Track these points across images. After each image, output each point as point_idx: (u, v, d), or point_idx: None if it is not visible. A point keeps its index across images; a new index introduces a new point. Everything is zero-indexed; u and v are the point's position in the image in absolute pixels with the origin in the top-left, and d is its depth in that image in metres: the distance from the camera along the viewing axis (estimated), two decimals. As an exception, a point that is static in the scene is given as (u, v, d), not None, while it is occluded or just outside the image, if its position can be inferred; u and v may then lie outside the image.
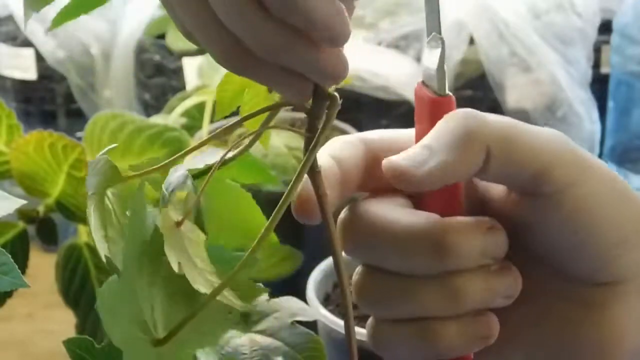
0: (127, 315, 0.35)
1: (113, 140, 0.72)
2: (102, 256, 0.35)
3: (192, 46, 0.36)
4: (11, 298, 0.64)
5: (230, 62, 0.36)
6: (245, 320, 0.49)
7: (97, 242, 0.35)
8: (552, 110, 1.14)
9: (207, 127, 1.01)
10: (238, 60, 0.35)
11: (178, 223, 0.38)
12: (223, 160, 0.39)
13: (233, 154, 0.40)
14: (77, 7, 0.38)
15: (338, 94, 0.38)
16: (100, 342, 0.43)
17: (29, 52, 1.31)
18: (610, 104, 1.19)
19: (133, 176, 0.39)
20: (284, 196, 0.37)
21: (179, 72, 1.23)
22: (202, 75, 1.14)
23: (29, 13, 0.36)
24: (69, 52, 1.30)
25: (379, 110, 1.13)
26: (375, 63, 1.13)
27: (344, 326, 0.38)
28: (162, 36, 1.27)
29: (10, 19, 1.33)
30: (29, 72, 1.33)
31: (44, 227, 0.71)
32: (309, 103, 0.38)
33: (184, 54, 1.22)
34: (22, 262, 0.67)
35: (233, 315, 0.38)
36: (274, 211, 0.37)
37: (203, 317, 0.37)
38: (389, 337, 0.39)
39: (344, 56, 0.35)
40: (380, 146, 0.41)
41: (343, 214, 0.40)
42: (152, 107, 1.28)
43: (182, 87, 1.21)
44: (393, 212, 0.38)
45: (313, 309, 0.76)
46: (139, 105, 1.31)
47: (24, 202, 0.47)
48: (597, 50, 1.19)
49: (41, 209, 0.71)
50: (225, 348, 0.47)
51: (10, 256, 0.42)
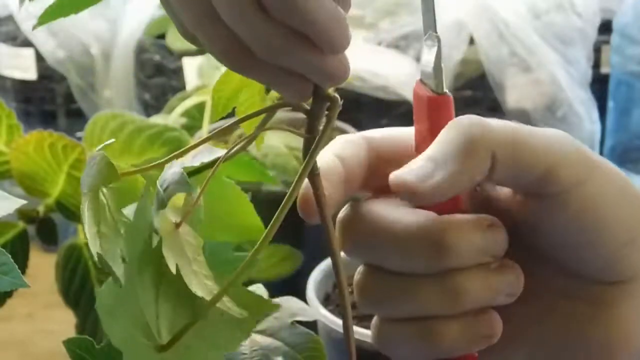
0: (128, 319, 0.34)
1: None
2: (93, 253, 0.35)
3: (192, 46, 0.36)
4: (11, 298, 0.64)
5: (231, 60, 0.35)
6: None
7: (89, 239, 0.35)
8: (552, 110, 1.14)
9: (207, 127, 1.00)
10: (238, 60, 0.35)
11: (177, 225, 0.38)
12: (221, 159, 0.39)
13: (228, 154, 0.39)
14: (66, 5, 0.38)
15: (338, 94, 0.37)
16: (100, 342, 0.43)
17: (29, 52, 1.31)
18: (610, 104, 1.19)
19: (129, 172, 0.39)
20: (285, 199, 0.37)
21: (179, 72, 1.23)
22: (202, 75, 1.14)
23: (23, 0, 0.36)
24: (69, 52, 1.30)
25: (379, 110, 1.13)
26: (375, 63, 1.13)
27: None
28: (162, 36, 1.27)
29: (10, 19, 1.33)
30: (29, 72, 1.33)
31: (44, 227, 0.71)
32: (309, 104, 0.38)
33: (184, 54, 1.22)
34: (22, 262, 0.67)
35: (244, 326, 0.38)
36: (273, 210, 0.37)
37: (209, 324, 0.37)
38: (393, 336, 0.39)
39: (346, 58, 0.35)
40: (384, 144, 0.41)
41: (342, 213, 0.40)
42: (152, 107, 1.28)
43: (182, 87, 1.21)
44: (393, 211, 0.38)
45: (313, 309, 0.76)
46: (139, 105, 1.31)
47: (24, 202, 0.47)
48: (597, 50, 1.19)
49: (41, 209, 0.71)
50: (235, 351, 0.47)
51: (10, 256, 0.42)
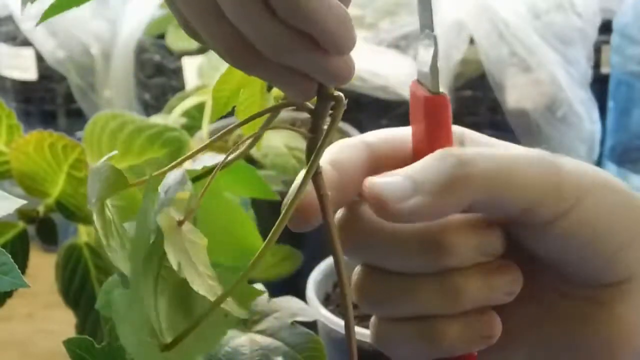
0: (136, 320, 0.34)
1: (113, 140, 0.72)
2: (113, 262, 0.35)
3: (192, 46, 0.36)
4: (11, 298, 0.64)
5: (234, 58, 0.35)
6: (245, 320, 0.48)
7: (105, 249, 0.35)
8: (552, 110, 1.14)
9: (207, 127, 1.00)
10: (242, 57, 0.35)
11: (179, 222, 0.38)
12: (223, 164, 0.39)
13: (232, 157, 0.39)
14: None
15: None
16: (100, 342, 0.43)
17: (29, 52, 1.31)
18: (610, 104, 1.19)
19: (137, 183, 0.39)
20: (289, 202, 0.36)
21: (179, 72, 1.23)
22: (202, 75, 1.14)
23: (25, 1, 0.36)
24: (69, 52, 1.30)
25: (379, 110, 1.13)
26: (375, 63, 1.13)
27: (344, 326, 0.38)
28: (162, 36, 1.27)
29: (10, 19, 1.33)
30: (29, 72, 1.33)
31: (44, 227, 0.71)
32: (313, 103, 0.37)
33: (184, 54, 1.22)
34: (22, 262, 0.67)
35: (230, 319, 0.38)
36: (273, 210, 0.36)
37: (207, 323, 0.37)
38: (392, 336, 0.39)
39: (351, 58, 0.35)
40: (383, 146, 0.41)
41: (340, 214, 0.40)
42: (152, 107, 1.28)
43: (182, 87, 1.21)
44: None
45: (313, 309, 0.76)
46: (139, 105, 1.31)
47: (24, 202, 0.47)
48: (597, 50, 1.19)
49: (41, 209, 0.71)
50: (225, 348, 0.47)
51: (10, 256, 0.42)
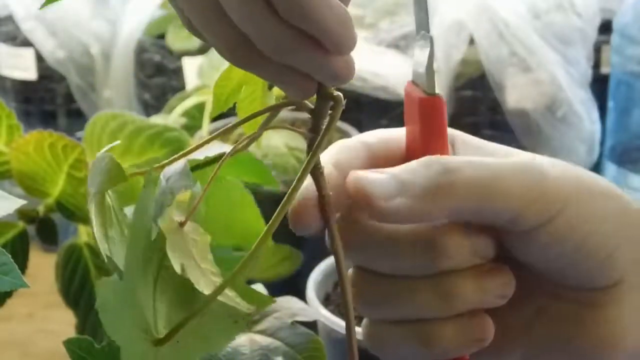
0: (128, 315, 0.35)
1: (113, 140, 0.72)
2: (103, 255, 0.35)
3: (192, 46, 0.36)
4: (11, 298, 0.64)
5: (236, 57, 0.35)
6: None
7: (98, 241, 0.35)
8: (552, 110, 1.14)
9: (207, 127, 1.00)
10: (243, 56, 0.35)
11: (181, 224, 0.38)
12: (226, 157, 0.39)
13: (232, 151, 0.39)
14: None
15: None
16: (100, 342, 0.43)
17: (29, 52, 1.31)
18: (610, 104, 1.19)
19: (135, 174, 0.39)
20: (285, 198, 0.37)
21: (179, 72, 1.23)
22: (202, 75, 1.14)
23: None
24: (69, 52, 1.30)
25: (379, 110, 1.13)
26: (375, 63, 1.13)
27: (344, 326, 0.38)
28: (162, 36, 1.27)
29: (10, 19, 1.33)
30: (29, 72, 1.33)
31: (44, 227, 0.71)
32: (313, 103, 0.38)
33: (184, 54, 1.22)
34: (22, 262, 0.67)
35: (239, 324, 0.38)
36: (273, 209, 0.37)
37: (206, 321, 0.37)
38: (385, 338, 0.39)
39: (351, 58, 0.35)
40: (380, 147, 0.41)
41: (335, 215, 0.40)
42: (152, 107, 1.28)
43: (182, 87, 1.21)
44: None
45: (313, 309, 0.76)
46: (139, 105, 1.31)
47: (24, 202, 0.47)
48: (597, 50, 1.19)
49: (41, 209, 0.71)
50: (225, 348, 0.47)
51: (10, 256, 0.42)
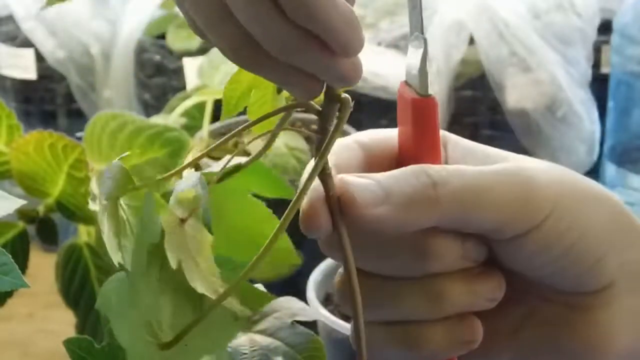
0: (134, 317, 0.34)
1: (113, 140, 0.72)
2: (115, 263, 0.35)
3: (192, 46, 0.36)
4: (11, 298, 0.64)
5: (240, 57, 0.35)
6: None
7: (110, 250, 0.35)
8: (552, 110, 1.14)
9: (207, 127, 1.00)
10: (249, 57, 0.35)
11: (182, 220, 0.38)
12: (237, 166, 0.39)
13: (247, 160, 0.39)
14: None
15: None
16: (100, 342, 0.43)
17: (29, 52, 1.31)
18: (610, 104, 1.19)
19: (146, 185, 0.39)
20: (293, 200, 0.36)
21: (179, 72, 1.23)
22: (202, 75, 1.14)
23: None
24: (69, 52, 1.30)
25: (379, 110, 1.13)
26: (375, 63, 1.13)
27: (344, 326, 0.38)
28: (162, 36, 1.27)
29: (10, 19, 1.33)
30: (29, 72, 1.33)
31: (44, 227, 0.71)
32: (321, 104, 0.37)
33: (184, 54, 1.22)
34: (22, 262, 0.67)
35: (240, 322, 0.38)
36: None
37: (210, 322, 0.36)
38: (372, 339, 0.38)
39: (359, 60, 0.35)
40: (375, 147, 0.41)
41: None
42: (152, 107, 1.28)
43: (182, 87, 1.21)
44: None
45: (313, 309, 0.76)
46: (139, 105, 1.31)
47: (24, 202, 0.47)
48: (597, 50, 1.19)
49: (41, 209, 0.71)
50: (226, 347, 0.47)
51: (10, 256, 0.42)
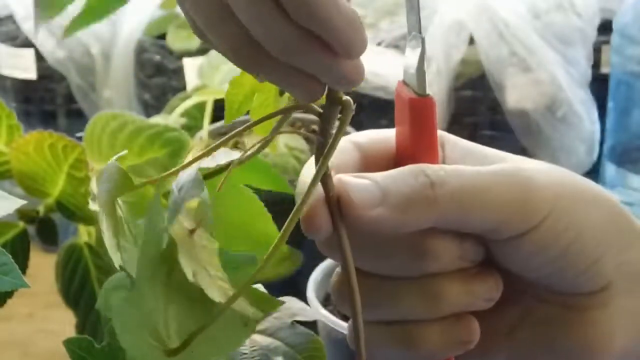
0: (140, 323, 0.34)
1: (113, 140, 0.72)
2: (115, 265, 0.35)
3: (192, 46, 0.36)
4: (11, 298, 0.64)
5: (240, 57, 0.35)
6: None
7: (110, 251, 0.35)
8: (552, 110, 1.14)
9: (207, 128, 1.00)
10: (249, 58, 0.34)
11: (191, 231, 0.38)
12: (239, 160, 0.39)
13: (243, 157, 0.39)
14: (94, 11, 0.37)
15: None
16: (100, 342, 0.43)
17: (29, 52, 1.31)
18: (610, 104, 1.19)
19: (144, 184, 0.39)
20: (298, 202, 0.36)
21: (179, 72, 1.23)
22: (202, 76, 1.14)
23: (43, 19, 0.36)
24: (69, 52, 1.30)
25: (379, 110, 1.13)
26: (375, 63, 1.13)
27: (344, 326, 0.38)
28: (162, 36, 1.27)
29: (10, 19, 1.33)
30: (29, 72, 1.32)
31: (44, 227, 0.71)
32: (322, 106, 0.37)
33: (184, 54, 1.22)
34: (22, 262, 0.67)
35: (249, 327, 0.38)
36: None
37: (217, 326, 0.36)
38: (369, 339, 0.38)
39: (361, 62, 0.34)
40: (371, 147, 0.41)
41: None
42: (152, 107, 1.28)
43: (182, 87, 1.21)
44: None
45: (313, 309, 0.76)
46: (139, 105, 1.31)
47: (24, 202, 0.47)
48: (597, 50, 1.19)
49: (41, 209, 0.71)
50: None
51: (10, 256, 0.42)
